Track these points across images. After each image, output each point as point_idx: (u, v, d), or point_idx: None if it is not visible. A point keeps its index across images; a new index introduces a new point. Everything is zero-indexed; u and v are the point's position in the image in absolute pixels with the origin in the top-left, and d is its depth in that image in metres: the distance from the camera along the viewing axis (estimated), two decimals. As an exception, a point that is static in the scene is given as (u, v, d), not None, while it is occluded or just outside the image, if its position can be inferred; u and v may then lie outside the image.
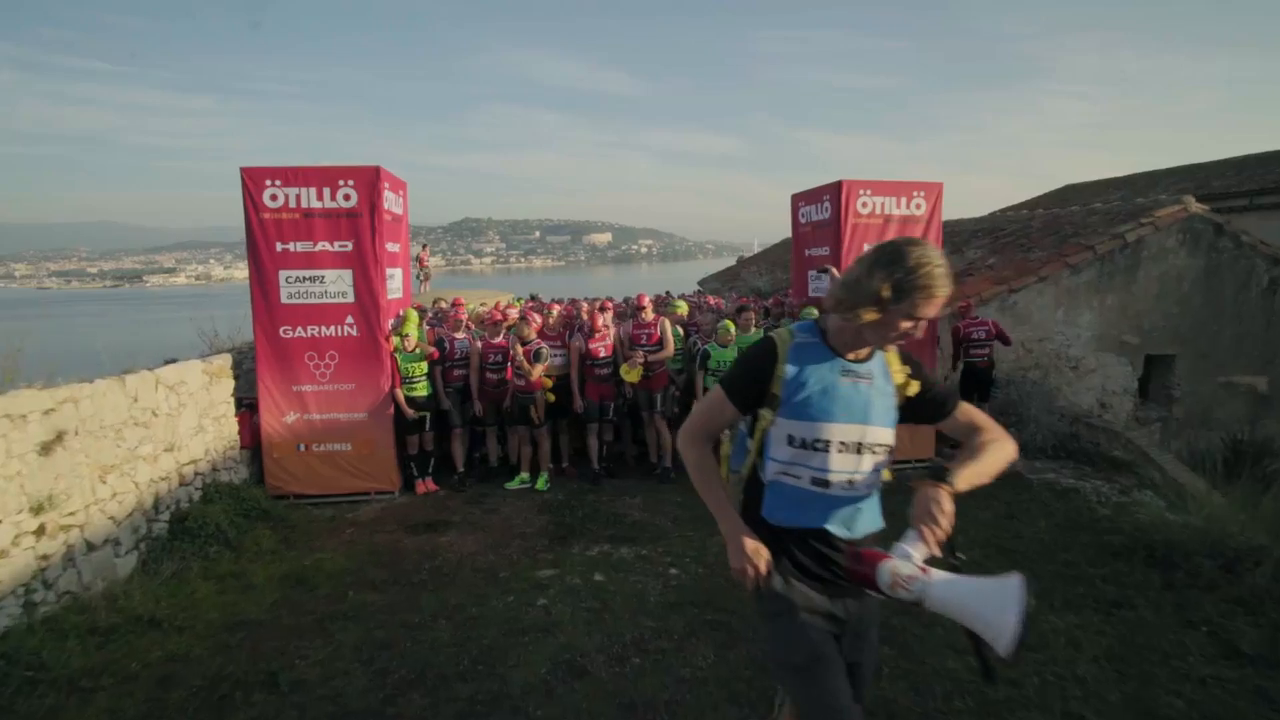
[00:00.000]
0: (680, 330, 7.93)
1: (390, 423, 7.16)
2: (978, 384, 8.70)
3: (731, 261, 29.82)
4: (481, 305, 7.93)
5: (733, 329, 7.34)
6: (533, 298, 12.24)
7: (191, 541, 5.45)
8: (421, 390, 7.22)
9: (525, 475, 7.51)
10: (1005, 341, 8.73)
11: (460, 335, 7.66)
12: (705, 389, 7.40)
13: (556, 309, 7.70)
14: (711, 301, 9.77)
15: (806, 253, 8.88)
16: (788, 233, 10.34)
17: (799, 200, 9.00)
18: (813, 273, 8.70)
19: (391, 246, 7.47)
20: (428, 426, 7.32)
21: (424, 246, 24.23)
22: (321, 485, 7.14)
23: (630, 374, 7.39)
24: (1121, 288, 10.16)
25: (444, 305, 9.72)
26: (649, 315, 7.66)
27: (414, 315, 7.22)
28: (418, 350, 7.20)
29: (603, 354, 7.52)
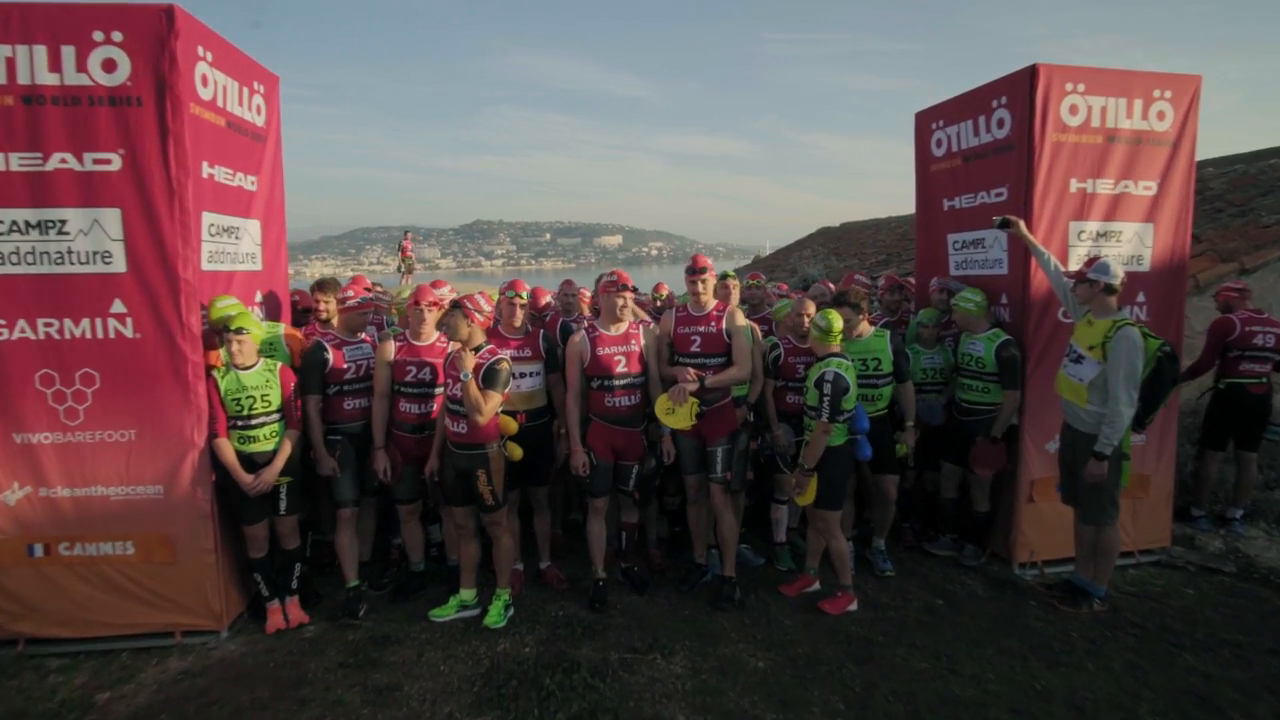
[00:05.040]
0: (755, 333, 4.41)
1: (208, 501, 3.77)
2: (1243, 418, 5.20)
3: (745, 263, 26.73)
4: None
5: (832, 330, 3.93)
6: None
7: None
8: (269, 440, 3.83)
9: (468, 596, 4.09)
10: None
11: (358, 338, 4.27)
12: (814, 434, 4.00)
13: (524, 288, 4.29)
14: (783, 288, 6.39)
15: (946, 204, 5.40)
16: (801, 233, 6.79)
17: (933, 120, 5.51)
18: (956, 240, 5.25)
19: (234, 177, 4.12)
20: (284, 507, 3.92)
21: (407, 234, 20.98)
22: (79, 621, 3.77)
23: (675, 415, 3.94)
24: (1405, 267, 6.63)
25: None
26: (708, 299, 4.22)
27: (240, 311, 3.84)
28: (260, 365, 3.83)
29: (621, 367, 4.09)
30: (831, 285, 6.51)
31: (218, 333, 3.74)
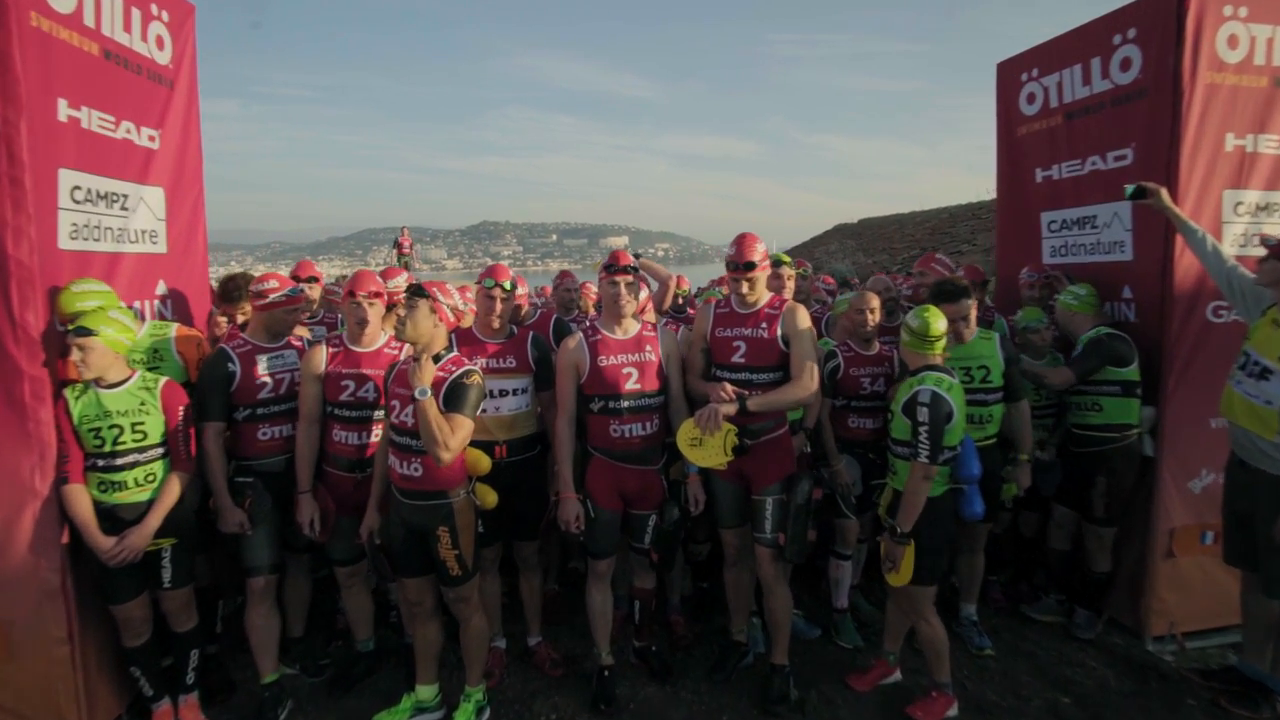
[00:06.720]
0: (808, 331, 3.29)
1: (57, 572, 2.70)
2: None
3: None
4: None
5: (930, 333, 2.83)
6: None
7: None
8: (143, 487, 2.75)
9: (426, 695, 3.00)
10: None
11: (281, 342, 3.20)
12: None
13: (506, 277, 3.19)
14: (829, 281, 5.32)
15: (1039, 174, 4.30)
16: (809, 234, 5.73)
17: (1022, 70, 4.40)
18: (1051, 219, 4.16)
19: (120, 128, 3.08)
20: (168, 578, 2.84)
21: (404, 230, 19.95)
22: (-121, 738, 2.70)
23: (703, 448, 2.82)
24: None
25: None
26: (757, 293, 3.09)
27: (101, 304, 2.77)
28: (134, 381, 2.75)
29: (632, 382, 3.00)
30: (885, 276, 5.41)
31: (73, 334, 2.67)
